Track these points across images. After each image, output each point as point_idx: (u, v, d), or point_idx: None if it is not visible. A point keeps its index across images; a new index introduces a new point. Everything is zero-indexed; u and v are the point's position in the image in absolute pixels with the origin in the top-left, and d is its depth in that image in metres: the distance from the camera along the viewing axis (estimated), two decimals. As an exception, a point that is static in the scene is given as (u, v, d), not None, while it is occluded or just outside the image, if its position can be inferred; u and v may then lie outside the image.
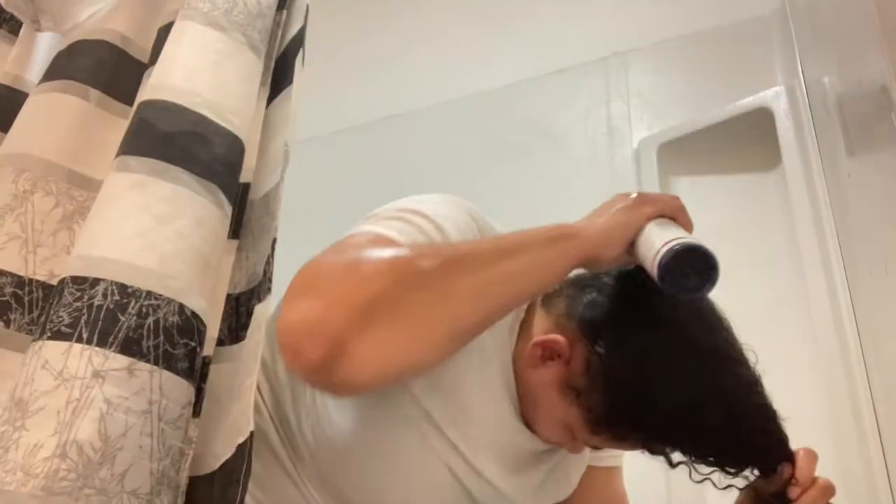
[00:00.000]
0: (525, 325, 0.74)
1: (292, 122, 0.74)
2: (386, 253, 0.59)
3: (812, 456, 0.67)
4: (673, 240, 0.63)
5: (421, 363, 0.59)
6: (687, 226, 0.68)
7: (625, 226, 0.66)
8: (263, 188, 0.75)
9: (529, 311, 0.74)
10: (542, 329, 0.72)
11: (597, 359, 0.66)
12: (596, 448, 0.77)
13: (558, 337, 0.69)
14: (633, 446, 0.69)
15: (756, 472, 0.66)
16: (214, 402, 0.67)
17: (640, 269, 0.69)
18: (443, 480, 0.69)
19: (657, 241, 0.64)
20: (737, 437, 0.64)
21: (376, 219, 0.67)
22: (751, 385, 0.66)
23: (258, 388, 0.73)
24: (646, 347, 0.65)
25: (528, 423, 0.73)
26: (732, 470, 0.65)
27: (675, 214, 0.68)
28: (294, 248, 0.79)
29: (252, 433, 0.57)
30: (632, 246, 0.67)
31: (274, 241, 0.67)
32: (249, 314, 0.69)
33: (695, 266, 0.62)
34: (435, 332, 0.57)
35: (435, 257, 0.59)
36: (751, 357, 0.68)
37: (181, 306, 0.61)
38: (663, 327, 0.66)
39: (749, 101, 1.45)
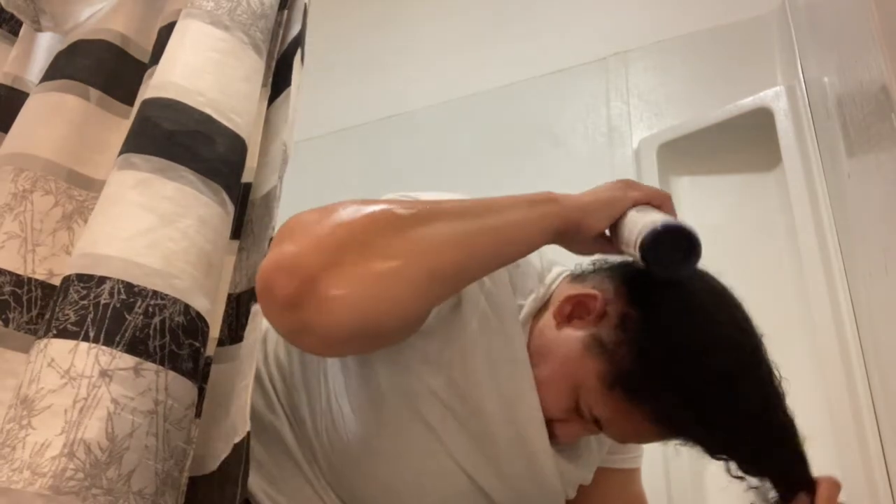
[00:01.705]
0: (538, 316, 0.73)
1: (291, 122, 0.74)
2: (364, 204, 0.58)
3: (835, 487, 0.65)
4: (654, 220, 0.63)
5: (399, 306, 0.57)
6: (671, 214, 0.68)
7: (609, 203, 0.66)
8: (264, 188, 0.75)
9: (542, 308, 0.74)
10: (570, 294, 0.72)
11: (635, 313, 0.66)
12: (596, 426, 0.72)
13: (595, 292, 0.69)
14: (637, 421, 0.67)
15: (772, 494, 0.65)
16: (215, 403, 0.66)
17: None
18: (459, 483, 0.69)
19: (639, 222, 0.64)
20: (761, 432, 0.63)
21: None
22: (781, 397, 0.65)
23: (273, 387, 0.73)
24: (690, 312, 0.65)
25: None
26: (742, 468, 0.64)
27: (662, 203, 0.67)
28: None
29: (249, 433, 0.56)
30: (613, 228, 0.67)
31: (271, 240, 0.67)
32: (249, 314, 0.69)
33: (677, 245, 0.62)
34: (411, 273, 0.56)
35: (412, 207, 0.59)
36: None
37: (186, 306, 0.61)
38: (709, 304, 0.66)
39: (749, 101, 1.45)
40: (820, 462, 1.21)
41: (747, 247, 1.41)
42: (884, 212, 0.96)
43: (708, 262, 1.50)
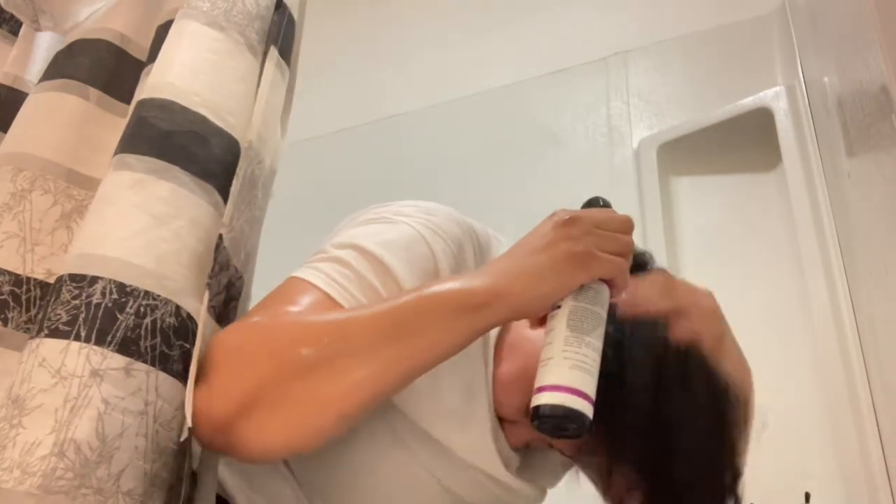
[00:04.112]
0: (500, 343, 0.71)
1: (257, 119, 0.73)
2: (278, 329, 0.59)
3: None
4: (556, 387, 0.57)
5: (313, 441, 0.58)
6: (620, 291, 0.62)
7: (550, 295, 0.60)
8: (259, 189, 0.75)
9: (504, 330, 0.72)
10: None
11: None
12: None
13: None
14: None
15: None
16: None
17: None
18: (433, 490, 0.69)
19: (552, 365, 0.58)
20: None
21: (319, 258, 0.66)
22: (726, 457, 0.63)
23: None
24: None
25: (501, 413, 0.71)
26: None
27: (614, 277, 0.61)
28: (294, 248, 0.79)
29: (190, 429, 0.56)
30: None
31: (220, 240, 0.65)
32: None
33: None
34: (320, 420, 0.57)
35: (318, 342, 0.57)
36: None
37: (177, 307, 0.61)
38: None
39: (749, 101, 1.45)
40: (820, 462, 1.21)
41: (747, 247, 1.41)
42: (884, 212, 0.96)
43: (709, 262, 1.50)
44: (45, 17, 0.88)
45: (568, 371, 0.58)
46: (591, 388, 0.58)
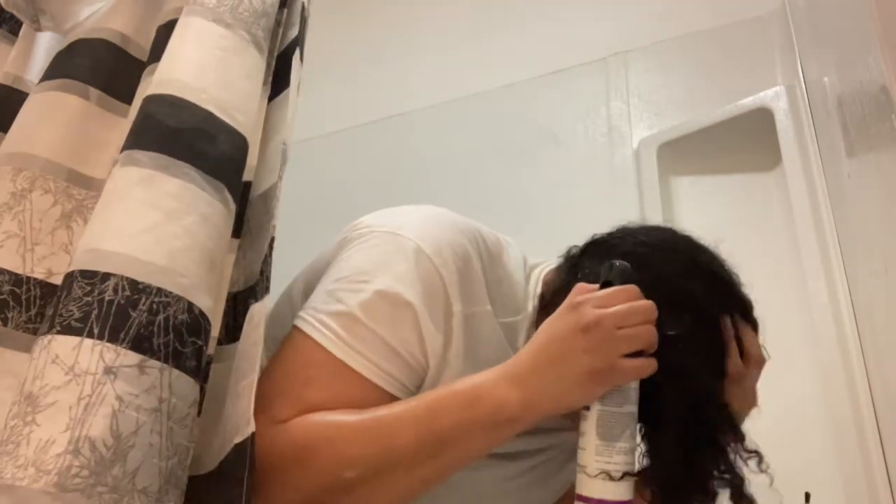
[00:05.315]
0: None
1: (291, 122, 0.74)
2: (319, 445, 0.62)
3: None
4: (591, 501, 0.62)
5: None
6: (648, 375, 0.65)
7: (577, 405, 0.64)
8: (262, 187, 0.75)
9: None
10: None
11: None
12: None
13: None
14: None
15: None
16: (213, 402, 0.66)
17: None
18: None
19: (588, 476, 0.63)
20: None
21: (329, 312, 0.67)
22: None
23: None
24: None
25: None
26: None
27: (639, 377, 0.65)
28: (294, 248, 0.79)
29: (253, 434, 0.56)
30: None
31: (272, 240, 0.67)
32: (246, 314, 0.69)
33: None
34: None
35: (360, 463, 0.61)
36: None
37: (190, 304, 0.60)
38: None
39: (749, 101, 1.45)
40: (820, 461, 1.21)
41: (747, 247, 1.40)
42: (884, 212, 0.95)
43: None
44: (45, 17, 0.88)
45: (601, 484, 0.62)
46: (625, 492, 0.62)
